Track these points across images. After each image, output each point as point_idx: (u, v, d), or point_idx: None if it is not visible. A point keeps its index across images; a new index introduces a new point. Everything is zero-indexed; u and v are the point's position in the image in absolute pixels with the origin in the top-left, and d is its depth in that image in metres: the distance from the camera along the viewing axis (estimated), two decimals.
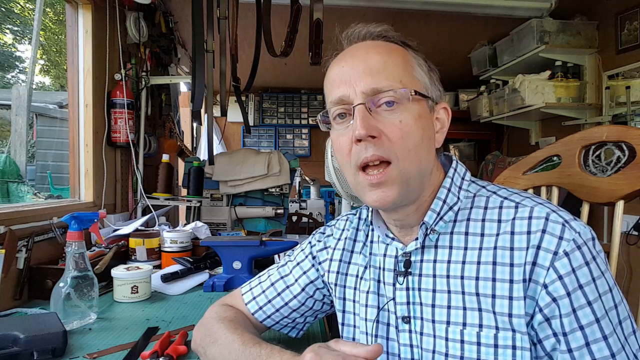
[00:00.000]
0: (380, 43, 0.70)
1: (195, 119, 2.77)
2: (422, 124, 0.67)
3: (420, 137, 0.66)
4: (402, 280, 0.71)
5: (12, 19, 10.01)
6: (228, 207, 2.00)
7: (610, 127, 1.04)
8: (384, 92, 0.64)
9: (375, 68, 0.66)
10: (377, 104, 0.65)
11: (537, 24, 2.48)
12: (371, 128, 0.64)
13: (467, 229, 0.68)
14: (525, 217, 0.64)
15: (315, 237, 0.88)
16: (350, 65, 0.67)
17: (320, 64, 1.94)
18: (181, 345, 0.85)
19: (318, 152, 4.92)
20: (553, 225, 0.62)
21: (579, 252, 0.60)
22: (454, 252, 0.68)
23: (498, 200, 0.68)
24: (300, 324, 0.88)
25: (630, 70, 2.29)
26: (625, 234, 2.16)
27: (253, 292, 0.87)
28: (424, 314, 0.68)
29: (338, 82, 0.68)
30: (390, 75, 0.65)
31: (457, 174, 0.73)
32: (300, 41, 1.96)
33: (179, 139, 2.53)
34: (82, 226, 1.02)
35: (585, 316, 0.59)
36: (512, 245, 0.63)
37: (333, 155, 1.71)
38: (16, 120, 2.28)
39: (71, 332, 0.94)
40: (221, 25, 1.86)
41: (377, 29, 0.70)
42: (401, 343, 0.71)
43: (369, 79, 0.65)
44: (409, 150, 0.65)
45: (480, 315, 0.64)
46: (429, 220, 0.69)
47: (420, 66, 0.70)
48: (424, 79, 0.69)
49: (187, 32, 2.63)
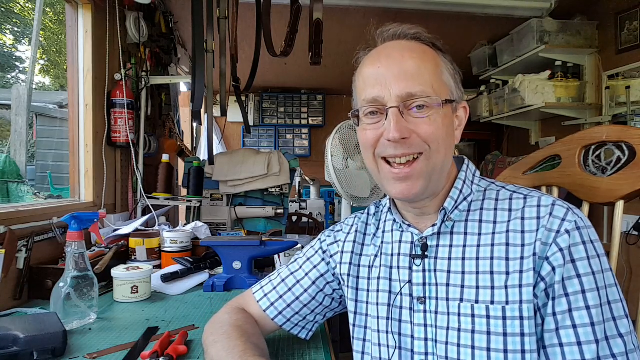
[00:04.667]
0: (414, 45, 0.73)
1: (195, 119, 2.76)
2: (447, 123, 0.72)
3: (445, 133, 0.72)
4: (420, 262, 0.75)
5: (12, 19, 10.00)
6: (228, 207, 2.00)
7: (610, 127, 1.04)
8: (417, 97, 0.69)
9: (410, 72, 0.69)
10: (408, 107, 0.70)
11: (537, 24, 2.48)
12: (404, 130, 0.69)
13: (480, 217, 0.74)
14: (534, 205, 0.70)
15: (325, 234, 0.92)
16: (386, 66, 0.71)
17: (320, 63, 1.96)
18: (181, 345, 0.85)
19: (318, 152, 4.92)
20: (558, 209, 0.69)
21: (577, 232, 0.67)
22: (469, 237, 0.73)
23: (508, 193, 0.75)
24: (310, 322, 0.89)
25: (630, 70, 2.29)
26: (625, 234, 2.15)
27: (264, 289, 0.88)
28: (439, 293, 0.73)
29: (373, 82, 0.71)
30: (424, 81, 0.69)
31: (469, 171, 0.79)
32: (300, 41, 1.96)
33: (179, 139, 2.53)
34: (82, 226, 1.02)
35: (572, 285, 0.65)
36: (523, 229, 0.69)
37: (333, 155, 1.71)
38: (16, 120, 2.28)
39: (71, 332, 0.94)
40: (221, 25, 1.86)
41: (412, 30, 0.74)
42: (415, 324, 0.74)
43: (404, 83, 0.69)
44: (438, 143, 0.71)
45: (492, 293, 0.68)
46: (448, 206, 0.74)
47: (448, 70, 0.74)
48: (451, 83, 0.74)
49: (187, 32, 2.63)
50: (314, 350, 0.87)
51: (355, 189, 1.75)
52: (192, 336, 0.93)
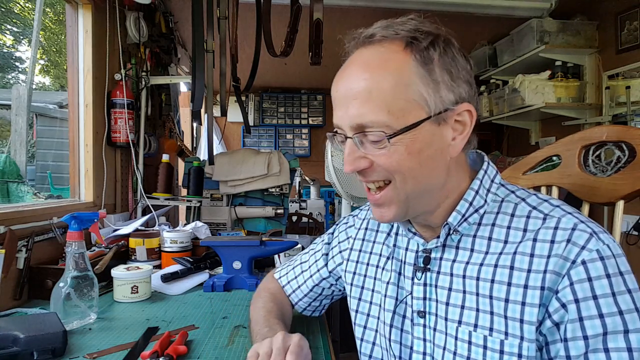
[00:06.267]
0: (375, 54, 0.62)
1: (195, 119, 2.77)
2: (418, 146, 0.61)
3: (416, 162, 0.62)
4: (421, 275, 0.72)
5: (12, 19, 10.00)
6: (228, 207, 2.00)
7: (610, 127, 1.04)
8: (367, 129, 0.61)
9: (360, 98, 0.61)
10: (364, 140, 0.63)
11: (537, 24, 2.48)
12: (358, 163, 0.63)
13: (491, 234, 0.66)
14: (551, 227, 0.62)
15: (338, 228, 0.94)
16: (341, 90, 0.64)
17: (320, 64, 1.96)
18: (181, 345, 0.85)
19: (318, 152, 4.92)
20: (579, 234, 0.60)
21: (600, 262, 0.58)
22: (475, 255, 0.67)
23: (526, 210, 0.66)
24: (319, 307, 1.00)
25: (630, 70, 2.29)
26: (625, 234, 2.16)
27: (280, 272, 1.02)
28: (439, 310, 0.69)
29: (336, 107, 0.66)
30: (376, 108, 0.60)
31: (487, 176, 0.70)
32: (300, 41, 1.96)
33: (179, 139, 2.53)
34: (82, 226, 1.02)
35: (592, 327, 0.56)
36: (532, 252, 0.62)
37: (333, 155, 1.71)
38: (16, 120, 2.28)
39: (71, 332, 0.94)
40: (221, 25, 1.86)
41: (383, 31, 0.63)
42: (415, 336, 0.72)
43: (354, 110, 0.61)
44: (405, 176, 0.63)
45: (492, 319, 0.63)
46: (453, 221, 0.67)
47: (424, 77, 0.60)
48: (427, 93, 0.60)
49: (187, 32, 2.63)
50: (314, 350, 0.87)
51: (355, 189, 1.75)
52: (192, 336, 0.93)
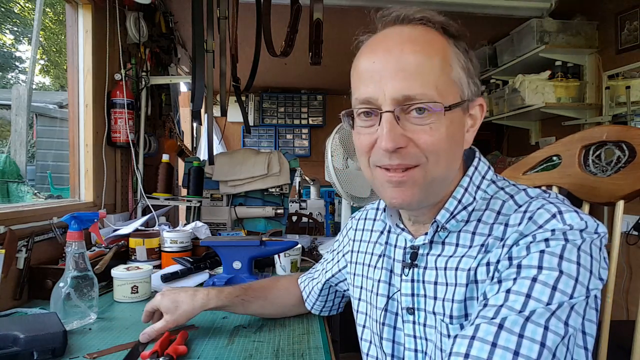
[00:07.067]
0: (418, 34, 0.62)
1: (195, 119, 2.76)
2: (452, 130, 0.62)
3: (449, 144, 0.62)
4: (408, 272, 0.71)
5: (12, 19, 10.01)
6: (228, 207, 2.00)
7: (610, 127, 1.04)
8: (416, 100, 0.59)
9: (409, 70, 0.59)
10: (406, 111, 0.60)
11: (537, 24, 2.48)
12: (399, 139, 0.60)
13: (475, 229, 0.66)
14: (521, 211, 0.62)
15: (342, 233, 0.98)
16: (382, 62, 0.61)
17: (320, 64, 1.96)
18: (181, 345, 0.85)
19: (318, 152, 4.92)
20: (541, 213, 0.59)
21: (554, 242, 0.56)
22: (459, 249, 0.66)
23: (512, 208, 0.65)
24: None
25: (630, 70, 2.29)
26: (625, 234, 2.15)
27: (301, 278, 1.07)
28: (427, 305, 0.69)
29: (367, 80, 0.62)
30: (426, 81, 0.59)
31: (477, 173, 0.69)
32: (300, 41, 1.96)
33: (179, 139, 2.53)
34: (82, 226, 1.02)
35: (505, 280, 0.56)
36: (503, 237, 0.62)
37: (333, 155, 1.71)
38: (16, 120, 2.28)
39: (71, 332, 0.94)
40: (221, 25, 1.86)
41: (418, 14, 0.63)
42: (406, 333, 0.72)
43: (402, 83, 0.59)
44: (438, 156, 0.61)
45: (466, 305, 0.63)
46: (441, 219, 0.67)
47: (460, 63, 0.63)
48: (462, 79, 0.63)
49: (187, 32, 2.63)
50: (314, 350, 0.87)
51: (355, 189, 1.74)
52: (192, 336, 0.93)
